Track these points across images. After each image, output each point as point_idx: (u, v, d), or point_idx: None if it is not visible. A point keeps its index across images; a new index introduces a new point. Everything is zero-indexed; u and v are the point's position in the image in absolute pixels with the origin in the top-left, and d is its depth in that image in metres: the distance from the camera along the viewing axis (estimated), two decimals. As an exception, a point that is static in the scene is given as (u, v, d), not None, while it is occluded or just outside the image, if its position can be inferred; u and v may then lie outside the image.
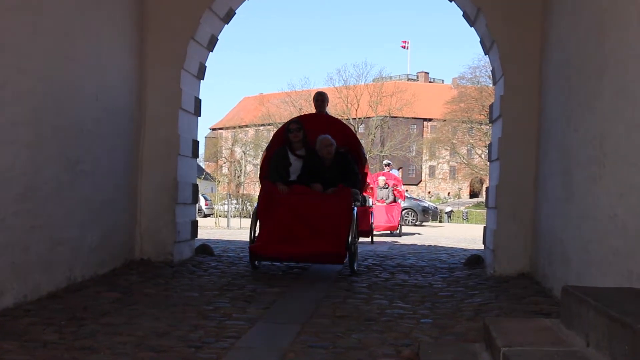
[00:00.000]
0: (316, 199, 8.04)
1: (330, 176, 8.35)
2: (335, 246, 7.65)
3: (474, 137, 60.25)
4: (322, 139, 8.49)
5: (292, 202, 7.93)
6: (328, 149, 8.43)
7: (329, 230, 7.68)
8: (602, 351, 3.26)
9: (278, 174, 8.46)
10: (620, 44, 5.02)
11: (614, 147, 5.03)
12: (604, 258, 5.14)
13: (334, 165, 8.45)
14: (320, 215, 7.78)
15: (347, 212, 7.92)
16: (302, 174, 8.50)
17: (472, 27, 9.42)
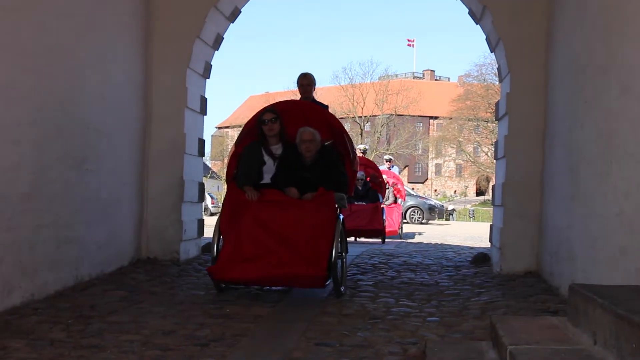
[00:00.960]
0: (291, 208, 6.44)
1: (311, 177, 6.80)
2: (313, 266, 6.07)
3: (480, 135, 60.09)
4: (302, 132, 6.88)
5: (262, 212, 6.36)
6: (308, 145, 6.84)
7: (306, 246, 6.14)
8: (609, 349, 3.25)
9: (247, 175, 6.82)
10: (626, 40, 5.00)
11: (621, 144, 5.01)
12: (611, 256, 5.12)
13: (316, 164, 6.88)
14: (296, 228, 6.22)
15: (328, 223, 6.35)
16: (276, 175, 6.90)
17: (478, 24, 9.40)
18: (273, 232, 6.21)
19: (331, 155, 6.98)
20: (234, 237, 6.26)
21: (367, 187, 15.06)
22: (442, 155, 72.38)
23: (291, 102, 7.72)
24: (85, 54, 6.97)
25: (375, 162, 19.26)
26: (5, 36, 5.55)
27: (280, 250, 6.10)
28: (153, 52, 8.73)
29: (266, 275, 6.06)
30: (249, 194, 6.56)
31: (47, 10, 6.21)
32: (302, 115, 7.18)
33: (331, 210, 6.52)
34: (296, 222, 6.25)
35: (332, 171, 6.87)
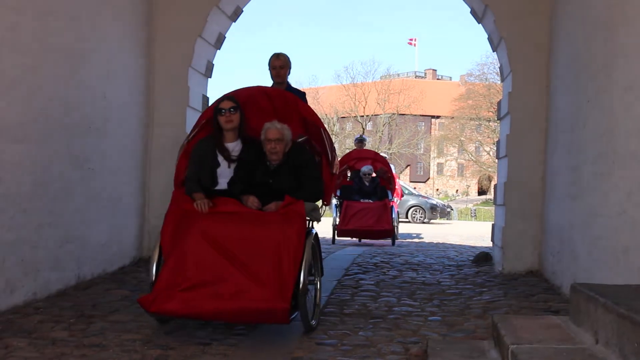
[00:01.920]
0: (249, 221, 5.13)
1: (277, 183, 5.56)
2: (274, 297, 4.70)
3: (482, 134, 60.01)
4: (268, 128, 5.58)
5: (212, 226, 5.02)
6: (274, 145, 5.57)
7: (267, 271, 4.81)
8: (611, 348, 3.25)
9: (196, 180, 5.56)
10: (628, 39, 5.00)
11: (623, 144, 5.01)
12: (613, 255, 5.12)
13: (283, 166, 5.61)
14: (255, 247, 4.90)
15: (296, 240, 4.98)
16: (234, 180, 5.61)
17: (479, 23, 9.40)
18: (226, 252, 4.88)
19: (303, 155, 5.69)
20: (175, 257, 4.89)
21: (375, 182, 13.71)
22: (444, 154, 72.32)
23: (257, 88, 6.11)
24: (87, 54, 6.98)
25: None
26: (8, 36, 5.55)
27: (234, 277, 4.78)
28: (155, 52, 8.74)
29: (214, 309, 4.67)
30: (198, 204, 5.27)
31: (49, 11, 6.22)
32: (270, 106, 5.97)
33: (300, 225, 5.11)
34: (255, 239, 4.93)
35: (303, 175, 5.59)
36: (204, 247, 4.91)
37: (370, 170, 13.65)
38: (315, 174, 5.71)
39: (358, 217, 12.77)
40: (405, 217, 26.16)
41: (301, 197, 5.42)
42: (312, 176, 5.64)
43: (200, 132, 5.85)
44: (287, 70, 7.19)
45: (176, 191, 5.66)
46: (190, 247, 4.91)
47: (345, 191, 13.62)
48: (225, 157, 5.64)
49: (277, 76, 7.12)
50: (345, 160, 14.12)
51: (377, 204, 13.18)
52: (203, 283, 4.76)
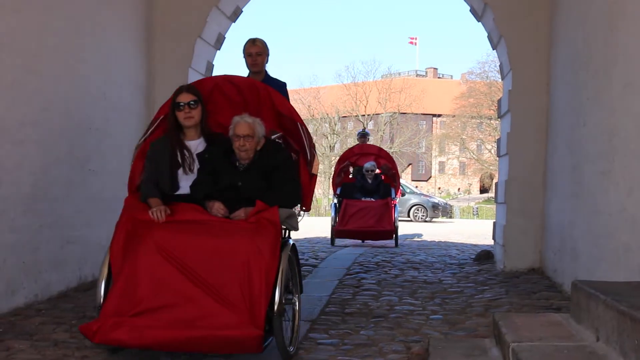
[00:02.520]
0: (214, 232, 4.37)
1: (247, 186, 4.75)
2: (243, 323, 4.05)
3: (483, 133, 59.95)
4: (237, 123, 4.80)
5: (170, 239, 4.28)
6: (244, 142, 4.76)
7: (235, 291, 4.13)
8: (612, 345, 3.25)
9: (153, 184, 4.80)
10: (628, 37, 4.99)
11: (623, 142, 5.01)
12: (614, 253, 5.12)
13: (254, 167, 4.82)
14: (220, 263, 4.19)
15: (269, 254, 4.25)
16: (197, 183, 4.82)
17: (479, 22, 9.39)
18: (186, 269, 4.16)
19: (278, 153, 4.91)
20: (125, 277, 4.17)
21: (377, 180, 12.86)
22: (446, 153, 72.28)
23: (222, 78, 5.30)
24: (87, 55, 6.98)
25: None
26: (8, 37, 5.56)
27: (196, 299, 4.10)
28: (155, 52, 8.74)
29: (171, 338, 4.00)
30: (154, 212, 4.46)
31: (49, 12, 6.22)
32: (239, 98, 5.20)
33: (274, 235, 4.37)
34: (221, 253, 4.22)
35: (278, 177, 4.81)
36: (159, 263, 4.17)
37: (373, 166, 12.81)
38: (292, 175, 4.90)
39: (358, 217, 12.03)
40: (407, 216, 26.17)
41: (275, 202, 4.61)
42: (288, 178, 4.83)
43: (158, 129, 5.10)
44: (265, 57, 6.48)
45: (129, 197, 4.84)
46: (143, 263, 4.18)
47: (346, 189, 12.88)
48: (186, 157, 4.88)
49: (254, 64, 6.41)
50: (346, 156, 13.50)
51: (378, 202, 12.36)
52: (158, 307, 4.07)
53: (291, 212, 4.84)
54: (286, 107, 5.21)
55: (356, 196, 12.63)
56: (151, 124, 5.19)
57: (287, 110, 5.19)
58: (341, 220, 12.14)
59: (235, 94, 5.22)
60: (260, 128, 4.83)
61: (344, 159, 13.41)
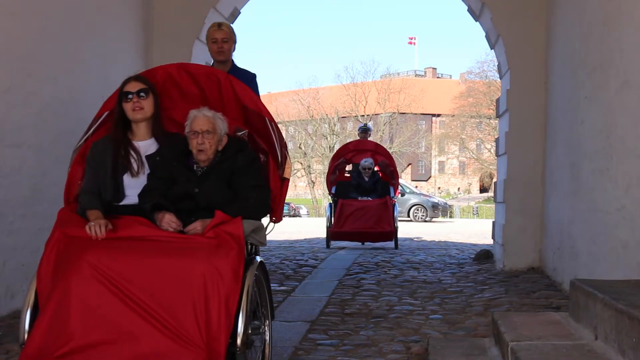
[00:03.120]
0: (163, 250, 3.59)
1: (206, 193, 4.01)
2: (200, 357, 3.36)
3: (482, 132, 59.97)
4: (194, 117, 4.07)
5: (110, 259, 3.49)
6: (202, 140, 4.03)
7: (187, 323, 3.39)
8: (610, 344, 3.26)
9: (92, 193, 4.04)
10: (624, 35, 5.00)
11: (621, 139, 5.01)
12: (612, 251, 5.12)
13: (215, 171, 4.08)
14: (171, 288, 3.45)
15: (230, 275, 3.51)
16: (145, 191, 4.03)
17: (477, 21, 9.40)
18: (128, 297, 3.40)
19: (243, 154, 4.12)
20: (54, 307, 3.39)
21: (375, 177, 12.11)
22: (445, 152, 72.28)
23: (177, 67, 4.46)
24: (85, 57, 6.98)
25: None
26: (5, 40, 5.56)
27: (141, 334, 3.35)
28: (153, 54, 8.74)
29: None
30: (91, 227, 3.65)
31: (47, 14, 6.23)
32: (197, 89, 4.41)
33: (236, 252, 3.60)
34: (172, 277, 3.44)
35: (242, 182, 4.06)
36: (95, 290, 3.39)
37: (370, 164, 12.03)
38: (259, 180, 4.12)
39: (355, 218, 11.21)
40: (407, 216, 26.18)
41: (239, 212, 3.86)
42: (255, 184, 4.05)
43: (102, 127, 4.31)
44: (232, 45, 5.74)
45: (63, 209, 4.05)
46: (76, 291, 3.38)
47: (342, 188, 12.09)
48: (134, 161, 4.11)
49: (219, 52, 5.70)
50: (341, 153, 12.75)
51: (376, 202, 11.58)
52: (93, 345, 3.32)
53: (258, 224, 4.03)
54: (252, 100, 4.38)
55: (352, 195, 11.90)
56: (93, 121, 4.34)
57: (253, 103, 4.37)
58: (337, 221, 11.35)
59: (191, 85, 4.41)
60: (222, 124, 4.10)
61: (339, 156, 12.71)
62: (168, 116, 4.36)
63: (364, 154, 12.35)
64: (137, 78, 4.22)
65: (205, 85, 4.39)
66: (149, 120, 4.19)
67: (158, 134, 4.21)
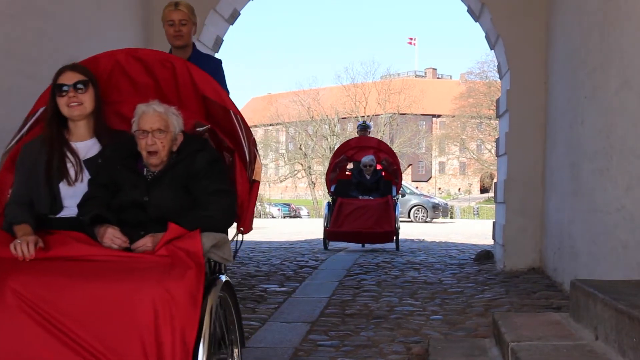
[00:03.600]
0: (103, 275, 2.95)
1: (157, 202, 3.41)
2: None
3: (483, 132, 59.97)
4: (143, 113, 3.47)
5: (37, 286, 2.86)
6: (153, 142, 3.44)
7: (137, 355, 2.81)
8: (611, 344, 3.26)
9: (27, 203, 3.44)
10: (624, 35, 5.00)
11: (621, 140, 5.01)
12: (613, 251, 5.12)
13: (169, 175, 3.48)
14: (112, 321, 2.84)
15: (184, 302, 2.89)
16: (85, 201, 3.43)
17: (477, 22, 9.41)
18: (60, 331, 2.80)
19: (203, 155, 3.50)
20: None
21: (377, 176, 11.61)
22: (446, 153, 72.31)
23: (125, 53, 3.89)
24: (85, 59, 6.98)
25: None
26: (5, 42, 5.57)
27: None
28: (153, 56, 8.74)
29: None
30: (17, 245, 3.04)
31: (47, 16, 6.23)
32: (148, 79, 3.80)
33: (194, 273, 2.97)
34: (115, 304, 2.83)
35: (202, 188, 3.43)
36: (20, 322, 2.79)
37: (372, 161, 11.56)
38: (222, 184, 3.49)
39: (354, 217, 10.65)
40: (407, 216, 26.19)
41: (197, 224, 3.24)
42: (217, 189, 3.44)
43: (37, 126, 3.72)
44: (192, 27, 5.06)
45: None
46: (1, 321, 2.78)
47: (342, 186, 11.63)
48: (71, 165, 3.50)
49: (177, 36, 5.01)
50: (342, 150, 12.25)
51: (377, 201, 11.06)
52: None
53: (221, 237, 3.35)
54: (214, 90, 3.73)
55: (352, 194, 11.41)
56: (26, 119, 3.78)
57: (216, 94, 3.72)
58: (335, 220, 10.81)
59: (142, 74, 3.78)
60: (176, 120, 3.50)
61: (340, 153, 12.21)
62: (116, 111, 3.75)
63: (366, 151, 11.90)
64: (73, 67, 3.62)
65: (159, 74, 3.77)
66: (90, 118, 3.58)
67: (101, 133, 3.60)
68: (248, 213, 3.71)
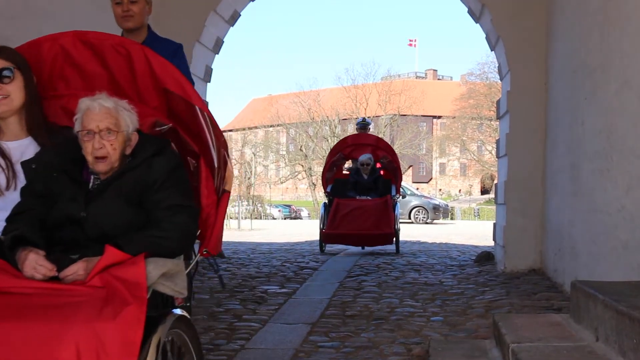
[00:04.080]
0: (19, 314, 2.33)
1: (97, 219, 2.79)
2: None
3: (483, 134, 60.00)
4: (87, 109, 2.86)
5: None
6: (101, 144, 2.84)
7: None
8: (611, 345, 3.25)
9: None
10: (625, 36, 5.00)
11: (621, 140, 5.01)
12: (613, 251, 5.12)
13: (117, 186, 2.85)
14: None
15: (118, 352, 2.25)
16: (15, 214, 2.84)
17: (477, 23, 9.41)
18: None
19: (160, 161, 2.90)
20: None
21: (375, 174, 11.13)
22: (446, 154, 72.33)
23: (72, 35, 3.22)
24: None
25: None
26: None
27: None
28: (153, 57, 8.74)
29: None
30: None
31: (46, 18, 6.24)
32: (97, 67, 3.18)
33: (132, 310, 2.37)
34: (31, 351, 2.25)
35: (155, 201, 2.85)
36: None
37: (368, 159, 11.05)
38: (181, 197, 2.87)
39: (351, 219, 10.13)
40: (408, 217, 26.20)
41: (142, 247, 2.66)
42: (173, 203, 2.84)
43: None
44: (145, 6, 4.41)
45: None
46: None
47: (338, 186, 11.13)
48: (1, 169, 2.98)
49: (126, 17, 4.40)
50: (339, 148, 11.76)
51: (375, 201, 10.55)
52: None
53: (173, 264, 2.72)
54: (177, 81, 3.10)
55: (350, 194, 10.92)
56: None
57: (178, 86, 3.09)
58: (331, 222, 10.28)
59: (92, 62, 3.17)
60: (129, 116, 2.92)
61: (336, 151, 11.69)
62: (62, 106, 3.20)
63: (364, 149, 11.36)
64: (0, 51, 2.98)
65: (113, 61, 3.15)
66: (21, 113, 3.01)
67: (37, 130, 3.02)
68: (215, 230, 3.07)
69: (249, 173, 61.87)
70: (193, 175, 3.13)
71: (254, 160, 61.96)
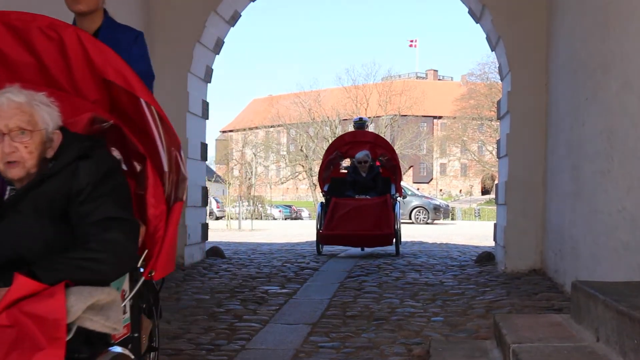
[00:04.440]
0: None
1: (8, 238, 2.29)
2: None
3: (484, 134, 59.99)
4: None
5: None
6: (13, 148, 2.35)
7: None
8: (612, 346, 3.25)
9: None
10: (625, 37, 5.00)
11: (622, 141, 5.01)
12: (614, 252, 5.12)
13: (33, 197, 2.35)
14: None
15: None
16: None
17: (478, 23, 9.41)
18: None
19: (87, 165, 2.43)
20: None
21: (374, 172, 10.72)
22: (447, 154, 72.33)
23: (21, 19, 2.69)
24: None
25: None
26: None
27: None
28: (153, 57, 8.62)
29: None
30: None
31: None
32: (26, 55, 2.72)
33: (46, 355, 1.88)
34: None
35: (81, 215, 2.37)
36: None
37: (365, 156, 10.66)
38: (116, 208, 2.40)
39: (349, 219, 9.77)
40: (408, 218, 26.21)
41: (64, 273, 2.18)
42: (106, 217, 2.36)
43: None
44: None
45: None
46: None
47: (336, 185, 10.78)
48: None
49: (76, 1, 3.76)
50: (336, 146, 11.40)
51: (374, 200, 10.19)
52: None
53: (104, 293, 2.22)
54: (117, 70, 2.65)
55: (348, 194, 10.56)
56: None
57: (119, 76, 2.65)
58: (328, 222, 9.96)
59: (17, 49, 2.70)
60: (48, 112, 2.46)
61: (333, 149, 11.30)
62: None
63: (362, 146, 10.98)
64: None
65: (42, 47, 2.68)
66: None
67: None
68: (164, 246, 2.59)
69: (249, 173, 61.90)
70: (139, 181, 2.68)
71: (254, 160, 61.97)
